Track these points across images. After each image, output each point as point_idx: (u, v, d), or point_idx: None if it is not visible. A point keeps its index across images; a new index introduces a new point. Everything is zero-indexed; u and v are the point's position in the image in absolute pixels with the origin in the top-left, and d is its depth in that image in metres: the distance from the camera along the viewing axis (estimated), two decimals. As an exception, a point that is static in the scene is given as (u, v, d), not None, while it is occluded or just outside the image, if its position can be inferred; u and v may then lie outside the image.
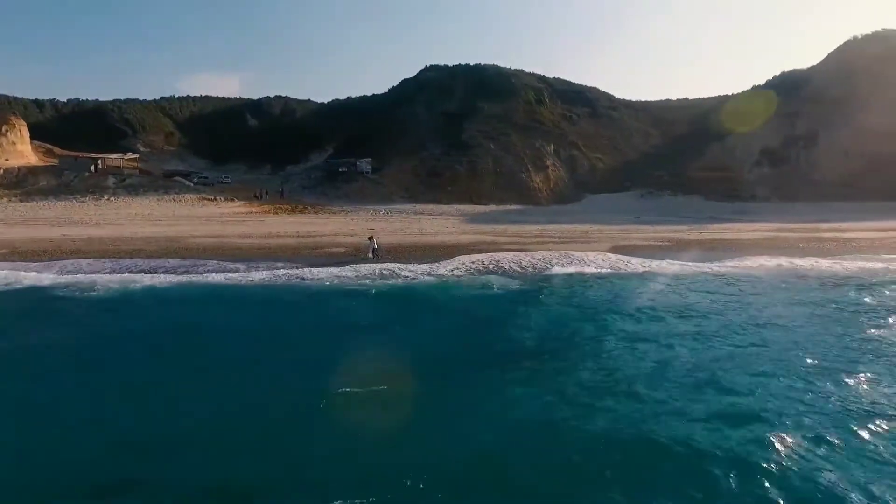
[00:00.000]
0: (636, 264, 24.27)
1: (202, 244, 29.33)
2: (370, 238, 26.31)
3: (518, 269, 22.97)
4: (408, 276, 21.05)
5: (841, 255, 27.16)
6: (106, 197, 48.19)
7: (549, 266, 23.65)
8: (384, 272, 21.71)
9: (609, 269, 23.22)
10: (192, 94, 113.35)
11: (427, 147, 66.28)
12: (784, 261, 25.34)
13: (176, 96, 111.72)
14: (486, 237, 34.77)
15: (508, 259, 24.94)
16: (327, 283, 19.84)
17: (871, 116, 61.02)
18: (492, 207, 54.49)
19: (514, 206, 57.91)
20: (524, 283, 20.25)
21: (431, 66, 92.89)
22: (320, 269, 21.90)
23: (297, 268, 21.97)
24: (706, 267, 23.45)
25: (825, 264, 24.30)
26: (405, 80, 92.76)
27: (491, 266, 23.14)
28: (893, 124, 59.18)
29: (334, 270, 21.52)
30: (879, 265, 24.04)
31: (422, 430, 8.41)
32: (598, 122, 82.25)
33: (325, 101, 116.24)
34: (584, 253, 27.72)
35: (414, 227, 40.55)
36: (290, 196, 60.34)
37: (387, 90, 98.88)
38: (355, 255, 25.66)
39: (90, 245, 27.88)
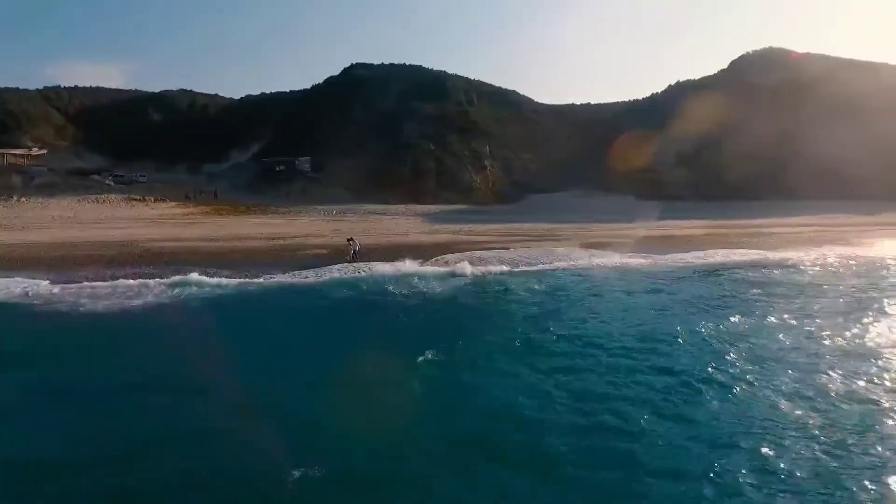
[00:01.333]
0: (618, 259, 25.73)
1: (169, 249, 26.94)
2: (350, 240, 25.21)
3: (525, 267, 23.40)
4: (434, 277, 20.75)
5: (785, 247, 30.72)
6: (15, 198, 42.08)
7: (545, 262, 24.53)
8: (405, 273, 21.32)
9: (615, 264, 24.44)
10: (66, 84, 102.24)
11: (367, 146, 65.15)
12: (741, 252, 28.30)
13: (62, 86, 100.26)
14: (460, 236, 35.11)
15: (505, 257, 25.43)
16: (367, 286, 19.17)
17: (763, 124, 69.47)
18: (440, 207, 54.84)
19: (460, 206, 58.56)
20: (551, 280, 20.84)
21: (359, 63, 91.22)
22: (339, 270, 21.20)
23: (314, 272, 21.01)
24: (681, 260, 25.58)
25: (779, 255, 27.40)
26: (332, 78, 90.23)
27: (502, 265, 23.44)
28: (784, 131, 67.83)
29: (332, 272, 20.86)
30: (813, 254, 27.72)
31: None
32: (525, 124, 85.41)
33: (237, 97, 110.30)
34: (568, 250, 29.08)
35: (379, 227, 39.93)
36: (223, 197, 56.58)
37: (307, 87, 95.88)
38: (336, 257, 24.43)
39: (31, 252, 24.43)
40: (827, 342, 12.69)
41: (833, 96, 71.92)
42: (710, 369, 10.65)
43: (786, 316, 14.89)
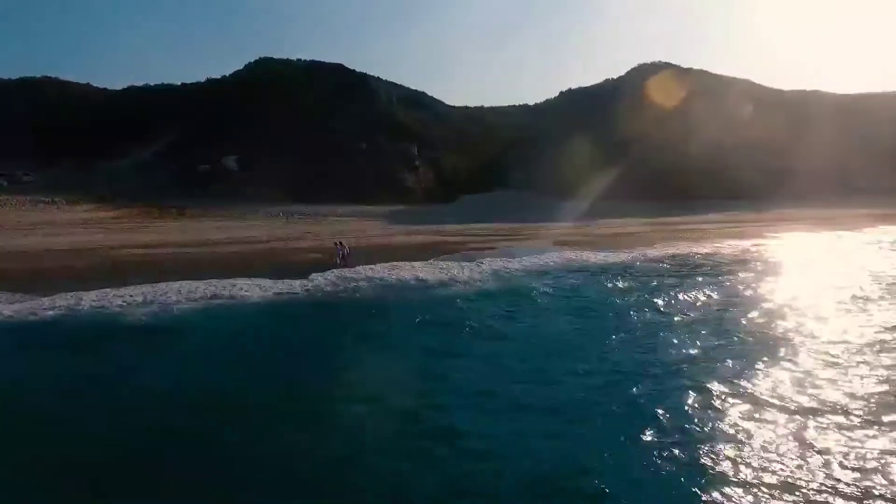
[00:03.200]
0: (596, 257, 27.30)
1: (150, 257, 24.25)
2: (338, 243, 24.08)
3: (537, 268, 24.07)
4: (469, 279, 20.63)
5: (713, 239, 34.81)
6: None
7: (554, 260, 25.68)
8: (440, 276, 20.97)
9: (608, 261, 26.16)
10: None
11: (295, 146, 62.28)
12: (687, 246, 31.76)
13: None
14: (437, 237, 35.32)
15: (506, 259, 25.77)
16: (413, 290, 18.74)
17: (663, 130, 78.15)
18: (387, 208, 54.22)
19: (398, 207, 58.33)
20: (581, 277, 21.92)
21: (270, 58, 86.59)
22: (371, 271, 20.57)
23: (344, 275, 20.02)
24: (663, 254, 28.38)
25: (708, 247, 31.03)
26: (239, 72, 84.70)
27: (515, 266, 23.80)
28: (679, 136, 76.73)
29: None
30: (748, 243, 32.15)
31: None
32: (443, 125, 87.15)
33: (117, 88, 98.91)
34: (560, 249, 30.44)
35: (350, 230, 38.78)
36: (140, 198, 50.73)
37: (203, 80, 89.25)
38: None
39: None
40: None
41: (711, 107, 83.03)
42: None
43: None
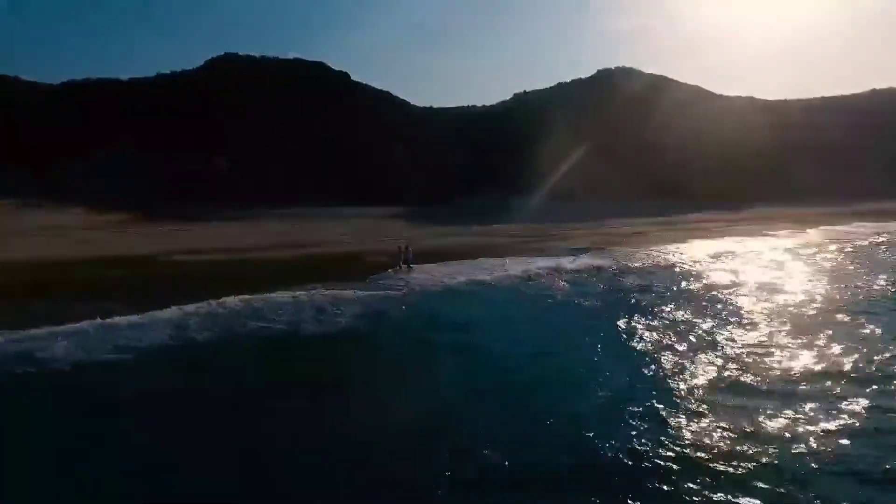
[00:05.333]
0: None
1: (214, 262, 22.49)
2: (404, 247, 23.54)
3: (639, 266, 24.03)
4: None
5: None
6: None
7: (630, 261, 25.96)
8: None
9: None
10: None
11: (282, 146, 59.70)
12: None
13: None
14: (471, 238, 34.82)
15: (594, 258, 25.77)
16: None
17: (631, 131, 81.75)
18: (395, 209, 53.00)
19: (398, 209, 57.01)
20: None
21: (235, 55, 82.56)
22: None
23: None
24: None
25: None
26: (200, 69, 79.92)
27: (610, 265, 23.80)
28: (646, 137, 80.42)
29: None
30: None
31: None
32: (418, 125, 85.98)
33: (56, 83, 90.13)
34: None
35: (385, 232, 37.52)
36: (126, 203, 46.71)
37: (152, 74, 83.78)
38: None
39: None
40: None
41: (673, 112, 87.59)
42: None
43: None
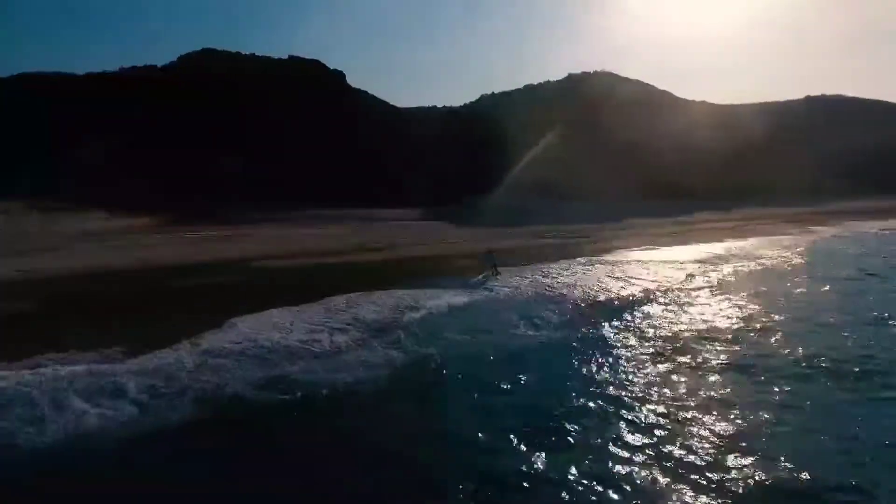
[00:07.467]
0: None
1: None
2: (489, 252, 23.29)
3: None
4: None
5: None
6: None
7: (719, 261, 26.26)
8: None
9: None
10: None
11: (294, 148, 57.65)
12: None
13: None
14: (520, 241, 34.56)
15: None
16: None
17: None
18: (416, 211, 52.20)
19: (405, 210, 56.24)
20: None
21: (208, 49, 79.19)
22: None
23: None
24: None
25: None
26: (187, 65, 76.24)
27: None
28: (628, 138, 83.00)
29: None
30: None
31: None
32: (409, 126, 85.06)
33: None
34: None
35: (436, 235, 36.86)
36: (135, 205, 43.79)
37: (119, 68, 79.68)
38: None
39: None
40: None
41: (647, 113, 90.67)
42: None
43: None
